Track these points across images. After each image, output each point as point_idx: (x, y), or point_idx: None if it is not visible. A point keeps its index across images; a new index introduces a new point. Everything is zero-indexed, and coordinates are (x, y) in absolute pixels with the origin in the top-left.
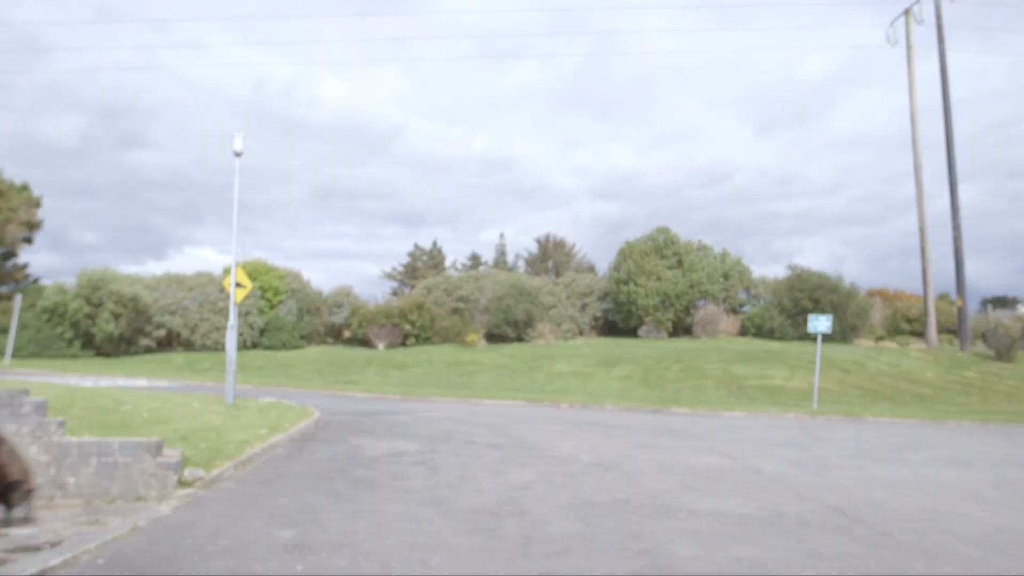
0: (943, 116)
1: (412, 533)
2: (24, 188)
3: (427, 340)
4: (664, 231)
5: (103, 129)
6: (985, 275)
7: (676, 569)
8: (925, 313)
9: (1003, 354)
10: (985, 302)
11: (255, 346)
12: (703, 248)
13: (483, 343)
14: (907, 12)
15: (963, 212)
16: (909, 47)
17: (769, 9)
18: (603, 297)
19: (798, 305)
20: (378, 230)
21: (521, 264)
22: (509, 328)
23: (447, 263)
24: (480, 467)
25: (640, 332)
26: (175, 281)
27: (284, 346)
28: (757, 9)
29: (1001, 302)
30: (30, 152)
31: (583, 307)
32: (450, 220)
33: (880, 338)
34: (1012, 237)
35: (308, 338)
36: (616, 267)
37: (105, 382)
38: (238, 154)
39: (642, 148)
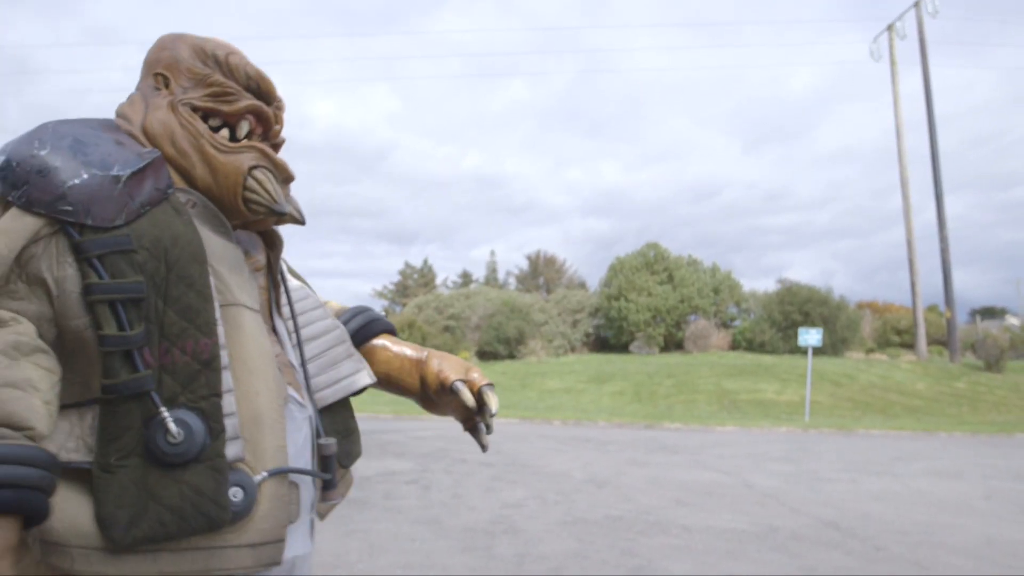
0: (928, 130)
1: (405, 552)
2: None
3: None
4: (654, 247)
5: None
6: (973, 286)
7: None
8: (914, 325)
9: (992, 365)
10: (973, 313)
11: None
12: (693, 263)
13: (474, 361)
14: (890, 28)
15: (950, 224)
16: (893, 63)
17: (756, 27)
18: (594, 313)
19: (788, 319)
20: (369, 248)
21: (512, 281)
22: (500, 345)
23: (438, 281)
24: (473, 485)
25: (631, 348)
26: None
27: None
28: (744, 27)
29: (989, 313)
30: None
31: (574, 323)
32: (441, 238)
33: (870, 350)
34: (998, 248)
35: None
36: (607, 283)
37: None
38: None
39: (632, 165)
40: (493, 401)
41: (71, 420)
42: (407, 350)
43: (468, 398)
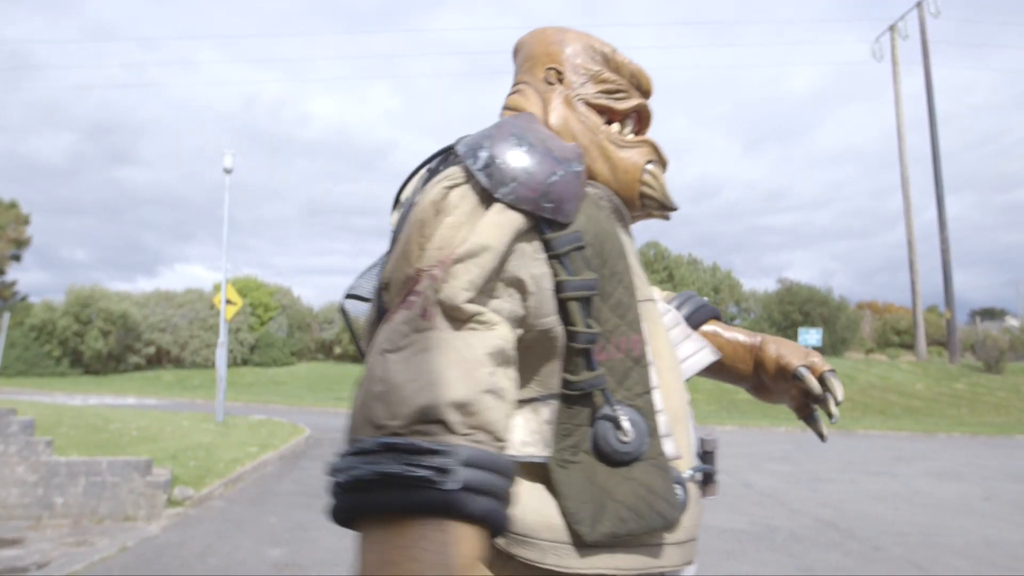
0: (929, 130)
1: None
2: (13, 206)
3: None
4: (654, 245)
5: (92, 146)
6: (973, 287)
7: None
8: (914, 325)
9: (992, 366)
10: (973, 314)
11: (245, 363)
12: (693, 262)
13: None
14: (892, 28)
15: (950, 225)
16: (895, 63)
17: (757, 27)
18: None
19: (788, 319)
20: (369, 246)
21: None
22: None
23: None
24: None
25: None
26: (165, 298)
27: (274, 363)
28: (745, 27)
29: (989, 314)
30: (19, 170)
31: None
32: None
33: (870, 351)
34: (999, 249)
35: (299, 354)
36: None
37: (94, 400)
38: (228, 171)
39: None
40: (838, 388)
41: (525, 415)
42: (740, 335)
43: (814, 384)
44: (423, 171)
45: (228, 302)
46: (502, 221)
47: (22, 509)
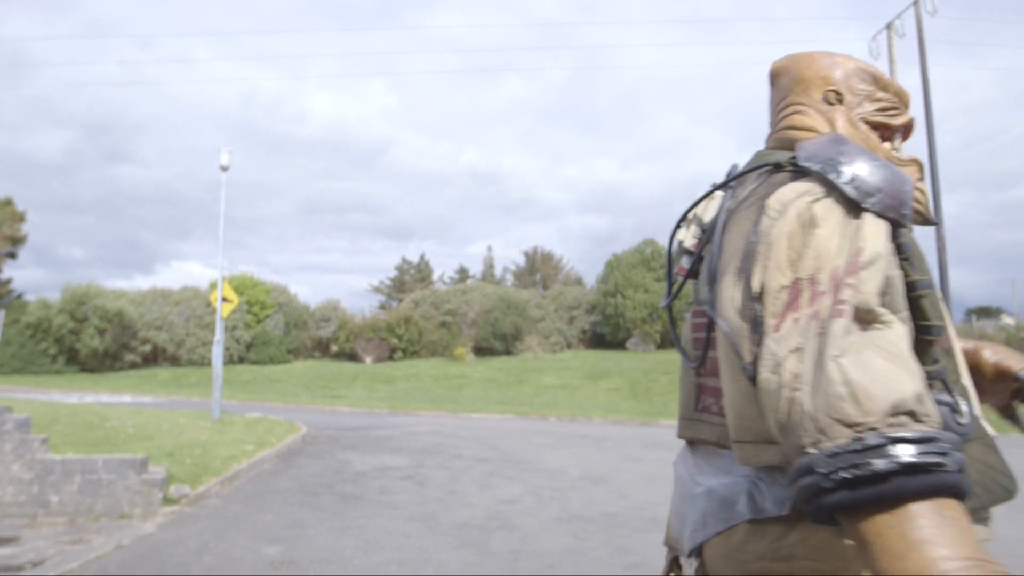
0: (926, 129)
1: (400, 548)
2: (8, 203)
3: (415, 354)
4: (651, 243)
5: (89, 144)
6: (969, 285)
7: None
8: None
9: None
10: (969, 312)
11: (242, 361)
12: None
13: (471, 357)
14: (889, 27)
15: (946, 223)
16: (891, 61)
17: (752, 24)
18: (591, 310)
19: None
20: (366, 244)
21: (509, 277)
22: (497, 341)
23: (435, 277)
24: (468, 481)
25: (628, 344)
26: (161, 296)
27: (271, 360)
28: (741, 24)
29: (985, 312)
30: (14, 167)
31: (571, 320)
32: (438, 234)
33: None
34: (995, 248)
35: (295, 352)
36: (604, 280)
37: (89, 398)
38: (225, 168)
39: (628, 162)
40: None
41: None
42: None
43: None
44: (725, 190)
45: (224, 300)
46: (880, 230)
47: (17, 507)
